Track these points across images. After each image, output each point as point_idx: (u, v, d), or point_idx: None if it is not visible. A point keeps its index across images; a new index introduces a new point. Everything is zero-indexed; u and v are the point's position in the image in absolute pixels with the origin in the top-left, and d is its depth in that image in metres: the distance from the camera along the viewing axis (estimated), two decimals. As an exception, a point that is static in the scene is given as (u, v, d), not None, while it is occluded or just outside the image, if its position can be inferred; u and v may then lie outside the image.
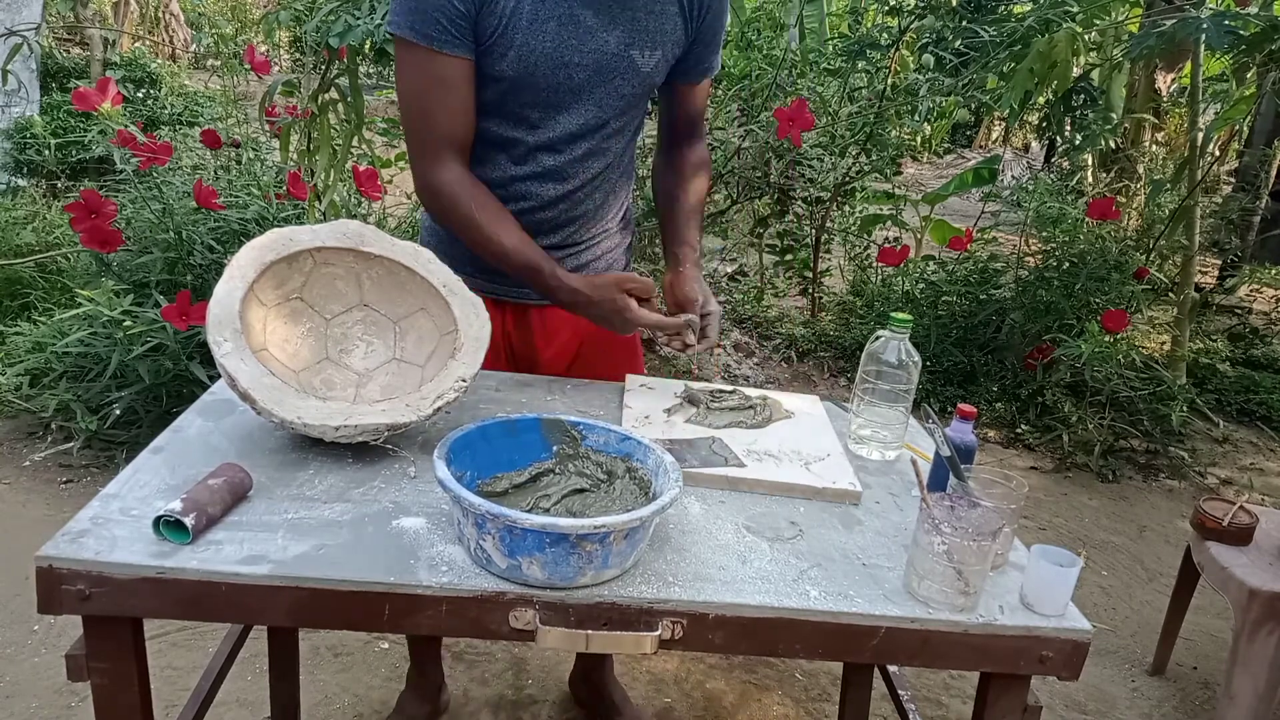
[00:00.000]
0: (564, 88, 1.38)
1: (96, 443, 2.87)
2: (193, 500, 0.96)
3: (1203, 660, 2.54)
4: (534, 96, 1.38)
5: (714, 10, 1.45)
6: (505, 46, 1.32)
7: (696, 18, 1.44)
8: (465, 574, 0.96)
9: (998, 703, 1.07)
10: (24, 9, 5.08)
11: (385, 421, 1.13)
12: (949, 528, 0.98)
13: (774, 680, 2.23)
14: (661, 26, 1.41)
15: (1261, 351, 4.95)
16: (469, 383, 1.21)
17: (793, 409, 1.50)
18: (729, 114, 4.65)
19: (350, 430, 1.11)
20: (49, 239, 4.04)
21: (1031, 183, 4.83)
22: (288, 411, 1.10)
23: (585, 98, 1.40)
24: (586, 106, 1.41)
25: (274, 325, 1.26)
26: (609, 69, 1.39)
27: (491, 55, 1.33)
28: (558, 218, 1.49)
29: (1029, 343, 4.05)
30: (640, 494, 1.10)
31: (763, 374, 4.35)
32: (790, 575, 1.03)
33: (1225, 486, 3.67)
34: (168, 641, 2.12)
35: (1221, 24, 3.03)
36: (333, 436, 1.12)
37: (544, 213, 1.47)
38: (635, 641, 0.96)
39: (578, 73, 1.37)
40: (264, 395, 1.11)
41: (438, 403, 1.17)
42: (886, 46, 4.54)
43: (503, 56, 1.33)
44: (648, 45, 1.41)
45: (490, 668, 2.15)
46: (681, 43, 1.45)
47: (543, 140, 1.42)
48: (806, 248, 4.93)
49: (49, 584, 0.90)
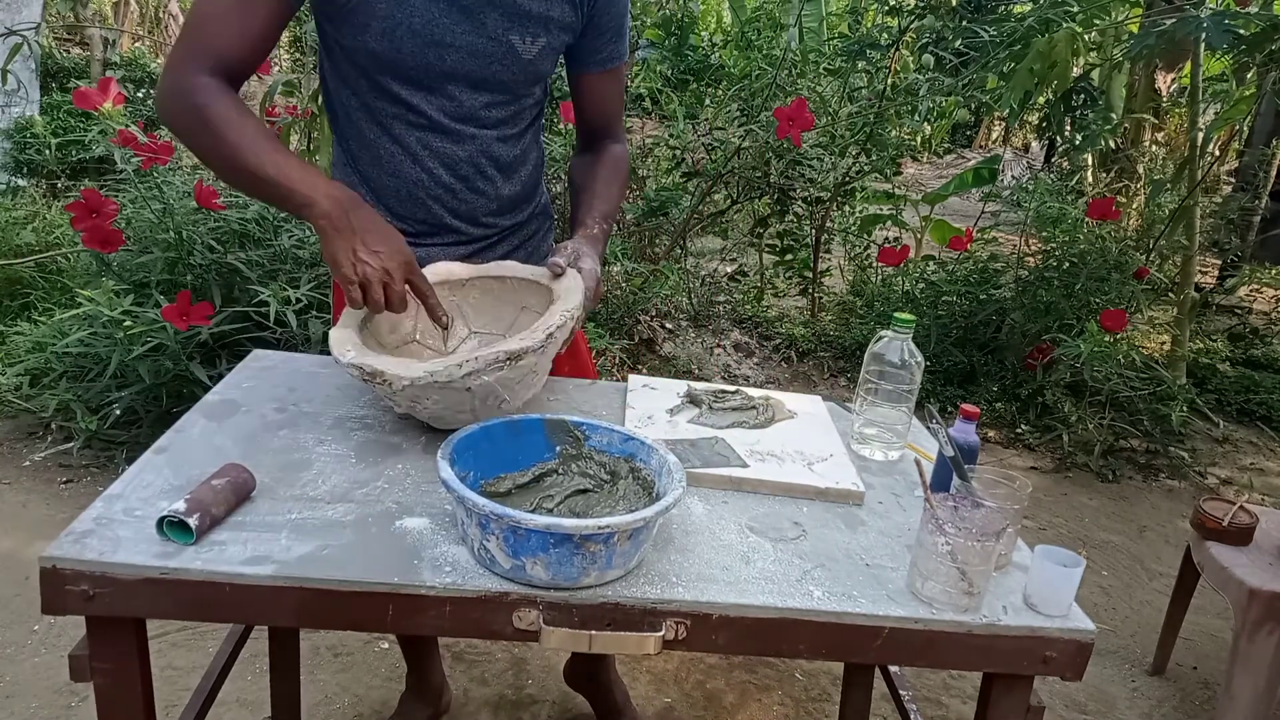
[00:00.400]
0: (434, 70, 1.31)
1: (96, 443, 2.87)
2: (196, 501, 0.96)
3: (1203, 660, 2.54)
4: (405, 74, 1.31)
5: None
6: (367, 17, 1.25)
7: (587, 3, 1.38)
8: (469, 574, 0.96)
9: (1000, 703, 1.07)
10: (24, 9, 5.08)
11: (504, 349, 1.12)
12: (952, 528, 0.98)
13: (774, 680, 2.23)
14: (547, 12, 1.34)
15: (1261, 351, 4.96)
16: (574, 312, 1.20)
17: (795, 409, 1.50)
18: (729, 114, 4.66)
19: (474, 364, 1.10)
20: (49, 239, 4.04)
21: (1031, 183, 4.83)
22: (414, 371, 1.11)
23: (460, 81, 1.34)
24: (462, 90, 1.35)
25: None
26: (484, 53, 1.33)
27: (352, 25, 1.26)
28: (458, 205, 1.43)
29: (1029, 343, 4.06)
30: (644, 494, 1.10)
31: (763, 374, 4.35)
32: (794, 576, 1.03)
33: (1225, 486, 3.67)
34: (168, 641, 2.12)
35: (1221, 24, 3.03)
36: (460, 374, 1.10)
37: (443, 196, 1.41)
38: (639, 642, 0.96)
39: (449, 54, 1.31)
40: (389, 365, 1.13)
41: (550, 329, 1.16)
42: (886, 46, 4.54)
43: (365, 28, 1.26)
44: (529, 31, 1.34)
45: (490, 668, 2.15)
46: (572, 29, 1.39)
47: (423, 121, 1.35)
48: (806, 248, 4.93)
49: (53, 585, 0.90)
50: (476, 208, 1.45)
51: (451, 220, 1.45)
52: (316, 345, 2.86)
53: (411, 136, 1.37)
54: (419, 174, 1.39)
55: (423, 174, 1.39)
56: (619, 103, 1.58)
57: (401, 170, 1.39)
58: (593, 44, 1.43)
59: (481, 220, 1.48)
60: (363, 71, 1.33)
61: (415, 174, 1.39)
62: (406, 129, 1.36)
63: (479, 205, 1.45)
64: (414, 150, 1.38)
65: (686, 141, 4.49)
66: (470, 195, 1.44)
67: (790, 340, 4.63)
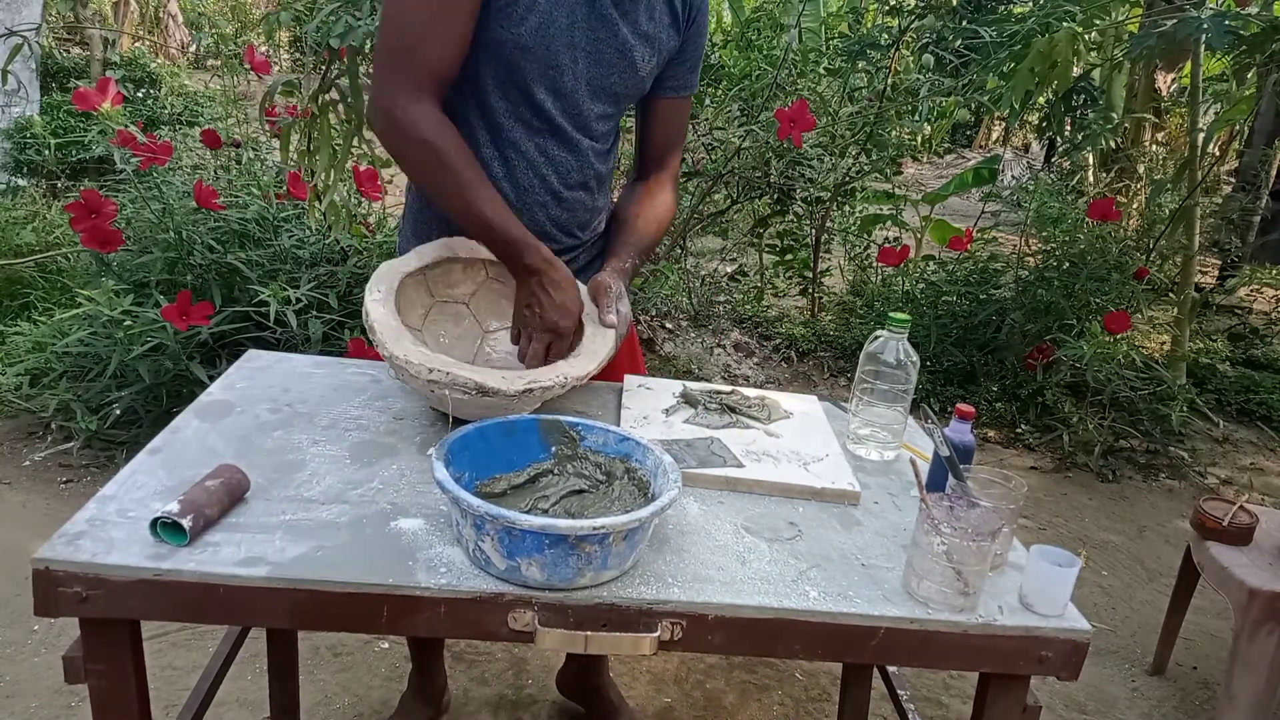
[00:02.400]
0: (568, 71, 1.32)
1: (96, 443, 2.87)
2: (190, 502, 0.96)
3: (1203, 660, 2.53)
4: (542, 71, 1.31)
5: (699, 23, 1.44)
6: (525, 10, 1.26)
7: (686, 25, 1.42)
8: (464, 575, 0.96)
9: (997, 703, 1.07)
10: (24, 9, 5.08)
11: (475, 379, 1.13)
12: (948, 528, 0.98)
13: (774, 680, 2.23)
14: (658, 33, 1.39)
15: (1261, 351, 4.95)
16: (570, 381, 1.21)
17: (791, 409, 1.50)
18: (729, 114, 4.65)
19: (441, 375, 1.13)
20: (49, 239, 4.04)
21: (1031, 183, 4.83)
22: (399, 349, 1.15)
23: (584, 87, 1.35)
24: (584, 96, 1.36)
25: (436, 316, 1.36)
26: (609, 62, 1.35)
27: (510, 16, 1.26)
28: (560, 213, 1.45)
29: (1029, 343, 4.05)
30: (639, 495, 1.10)
31: (763, 374, 4.35)
32: (789, 576, 1.03)
33: (1225, 486, 3.67)
34: (167, 641, 2.12)
35: (1222, 24, 3.03)
36: (426, 377, 1.13)
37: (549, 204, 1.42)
38: (634, 643, 0.96)
39: (582, 57, 1.32)
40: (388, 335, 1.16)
41: (531, 385, 1.18)
42: (886, 46, 4.54)
43: (522, 20, 1.26)
44: (649, 48, 1.38)
45: (490, 668, 2.15)
46: (671, 53, 1.43)
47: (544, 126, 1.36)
48: (806, 248, 4.93)
49: (46, 586, 0.90)
50: (575, 218, 1.47)
51: (551, 228, 1.45)
52: (316, 345, 2.86)
53: (530, 142, 1.37)
54: (531, 179, 1.40)
55: (535, 180, 1.40)
56: (682, 133, 1.61)
57: (515, 174, 1.39)
58: (675, 70, 1.47)
59: (574, 231, 1.49)
60: (500, 68, 1.31)
61: (528, 180, 1.40)
62: (526, 134, 1.37)
63: (577, 216, 1.47)
64: (531, 156, 1.38)
65: (687, 141, 4.48)
66: (574, 205, 1.45)
67: (790, 340, 4.63)
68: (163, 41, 9.30)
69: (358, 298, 3.03)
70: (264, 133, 4.18)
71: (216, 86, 7.03)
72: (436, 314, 1.39)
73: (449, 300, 1.40)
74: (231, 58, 6.81)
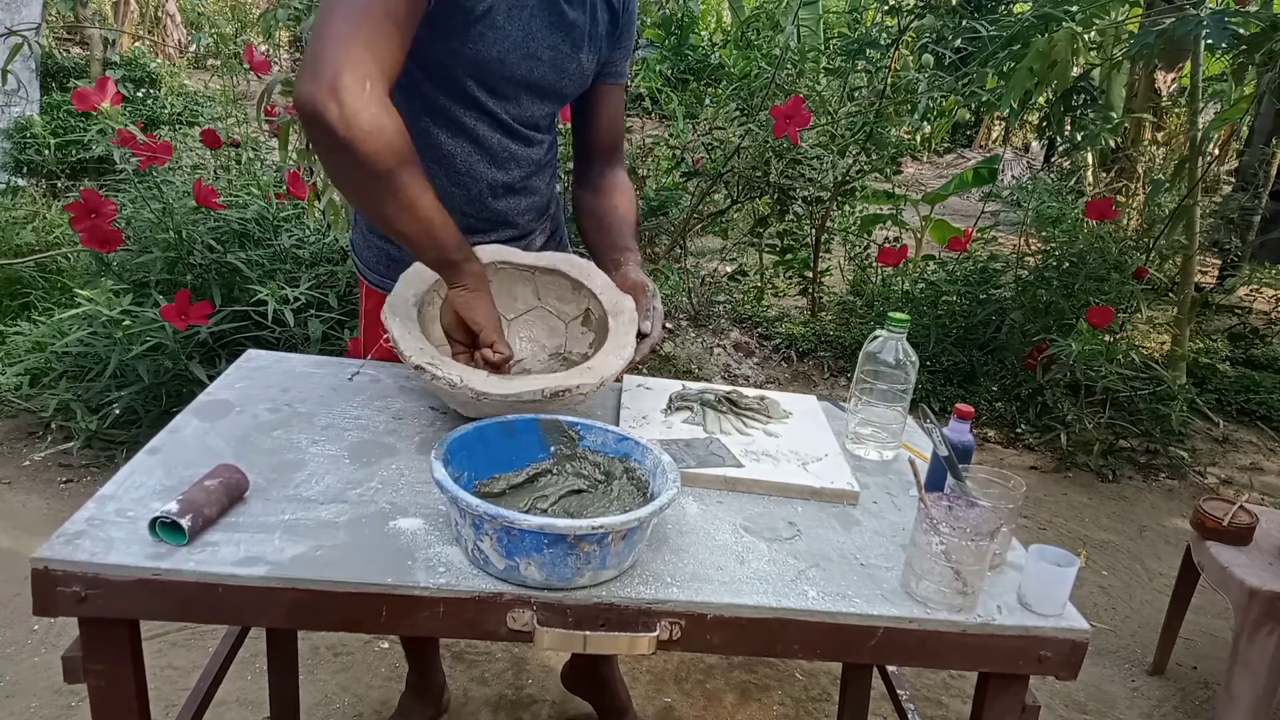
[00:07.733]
0: (521, 80, 1.36)
1: (96, 442, 2.87)
2: (189, 501, 0.96)
3: (1203, 660, 2.53)
4: (496, 83, 1.35)
5: (630, 10, 1.47)
6: (485, 27, 1.27)
7: (619, 18, 1.45)
8: (463, 575, 0.96)
9: (996, 702, 1.07)
10: (24, 9, 5.08)
11: (459, 378, 1.14)
12: (947, 528, 0.98)
13: (774, 680, 2.23)
14: (597, 30, 1.42)
15: (1261, 351, 4.95)
16: (565, 393, 1.18)
17: (790, 409, 1.50)
18: (728, 113, 4.65)
19: (433, 369, 1.14)
20: (49, 239, 4.04)
21: (1031, 182, 4.83)
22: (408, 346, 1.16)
23: (534, 91, 1.39)
24: (533, 99, 1.40)
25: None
26: (561, 67, 1.39)
27: (470, 33, 1.27)
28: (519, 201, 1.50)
29: (1029, 343, 4.05)
30: (638, 494, 1.10)
31: (763, 374, 4.35)
32: (788, 575, 1.03)
33: (1225, 486, 3.67)
34: (167, 641, 2.12)
35: (1221, 23, 3.03)
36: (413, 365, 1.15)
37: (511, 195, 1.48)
38: (633, 643, 0.96)
39: (537, 66, 1.36)
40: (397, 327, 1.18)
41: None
42: (886, 46, 4.54)
43: (481, 36, 1.28)
44: (591, 47, 1.42)
45: (490, 668, 2.15)
46: (608, 43, 1.46)
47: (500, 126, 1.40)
48: (806, 248, 4.93)
49: (45, 586, 0.90)
50: (534, 204, 1.53)
51: (514, 216, 1.51)
52: (315, 344, 2.86)
53: (494, 138, 1.41)
54: (495, 174, 1.44)
55: (499, 173, 1.44)
56: (623, 119, 1.66)
57: (476, 170, 1.43)
58: (612, 57, 1.50)
59: (530, 215, 1.55)
60: (455, 80, 1.34)
61: (491, 174, 1.44)
62: (490, 130, 1.41)
63: (536, 202, 1.54)
64: (495, 151, 1.43)
65: (686, 141, 4.48)
66: (533, 193, 1.52)
67: (790, 340, 4.63)
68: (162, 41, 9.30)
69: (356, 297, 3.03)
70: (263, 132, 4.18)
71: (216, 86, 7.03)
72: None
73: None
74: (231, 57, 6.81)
